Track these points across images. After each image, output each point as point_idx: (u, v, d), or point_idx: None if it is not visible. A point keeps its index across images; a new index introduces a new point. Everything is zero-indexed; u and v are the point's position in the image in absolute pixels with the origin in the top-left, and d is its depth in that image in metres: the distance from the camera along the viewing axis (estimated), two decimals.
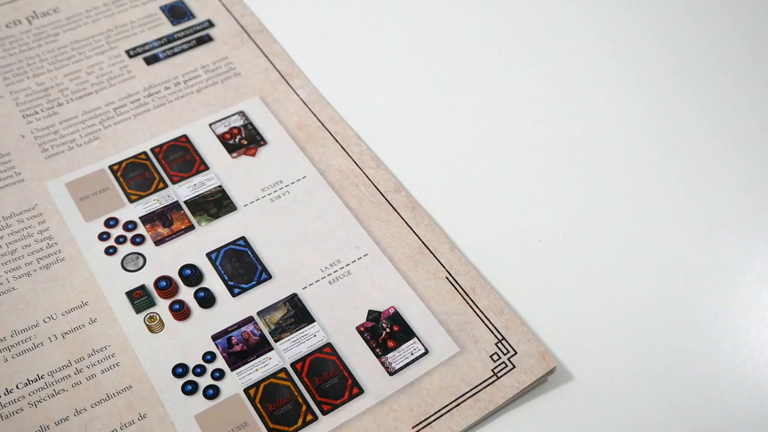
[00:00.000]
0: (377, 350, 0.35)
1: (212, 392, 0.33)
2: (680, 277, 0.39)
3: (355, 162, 0.42)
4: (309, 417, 0.33)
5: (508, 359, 0.35)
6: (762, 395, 0.35)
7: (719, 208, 0.42)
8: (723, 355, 0.36)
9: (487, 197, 0.42)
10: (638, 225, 0.41)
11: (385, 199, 0.40)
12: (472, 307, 0.36)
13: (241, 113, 0.43)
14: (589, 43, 0.50)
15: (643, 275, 0.39)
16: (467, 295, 0.37)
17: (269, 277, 0.37)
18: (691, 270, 0.39)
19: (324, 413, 0.33)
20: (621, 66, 0.48)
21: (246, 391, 0.33)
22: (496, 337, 0.35)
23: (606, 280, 0.39)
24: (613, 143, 0.44)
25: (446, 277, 0.37)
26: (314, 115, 0.44)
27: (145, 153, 0.41)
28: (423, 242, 0.39)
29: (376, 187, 0.41)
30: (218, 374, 0.34)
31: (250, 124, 0.43)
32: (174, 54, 0.46)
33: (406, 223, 0.39)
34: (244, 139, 0.42)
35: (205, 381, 0.33)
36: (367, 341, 0.35)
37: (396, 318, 0.36)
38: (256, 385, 0.33)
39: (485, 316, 0.36)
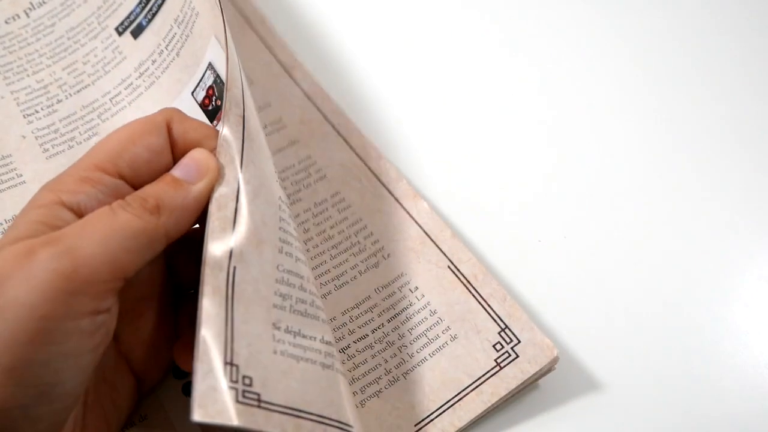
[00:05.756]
0: None
1: None
2: (680, 277, 0.39)
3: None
4: None
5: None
6: (762, 395, 0.35)
7: (720, 208, 0.42)
8: (722, 356, 0.37)
9: (486, 197, 0.42)
10: (639, 225, 0.41)
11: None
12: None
13: (210, 66, 0.40)
14: (589, 42, 0.50)
15: (643, 275, 0.39)
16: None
17: None
18: (691, 270, 0.39)
19: None
20: (622, 65, 0.48)
21: None
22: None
23: (606, 281, 0.39)
24: (614, 143, 0.44)
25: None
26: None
27: None
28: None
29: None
30: None
31: (218, 77, 0.39)
32: (153, 16, 0.43)
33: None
34: (218, 99, 0.39)
35: None
36: None
37: None
38: None
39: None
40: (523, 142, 0.44)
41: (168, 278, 0.32)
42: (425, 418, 0.33)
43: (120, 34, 0.44)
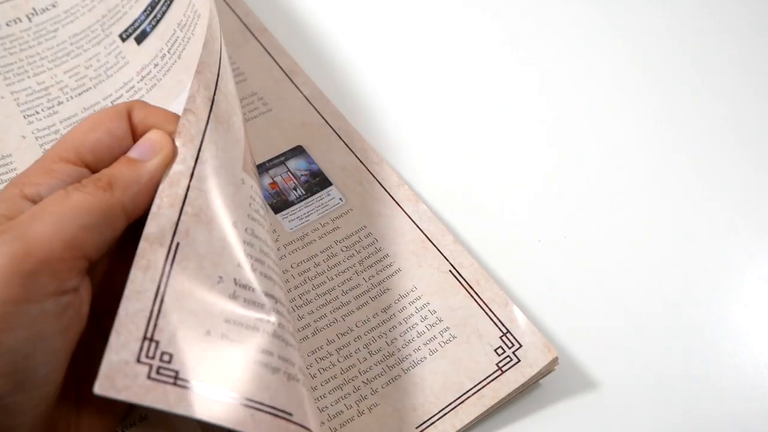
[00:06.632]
0: None
1: None
2: (680, 277, 0.39)
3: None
4: None
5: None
6: (762, 395, 0.35)
7: (720, 208, 0.42)
8: (722, 356, 0.37)
9: (486, 197, 0.42)
10: (639, 225, 0.41)
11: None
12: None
13: None
14: (589, 42, 0.50)
15: (643, 275, 0.39)
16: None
17: None
18: (691, 270, 0.39)
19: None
20: (621, 65, 0.48)
21: None
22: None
23: (606, 281, 0.39)
24: (614, 143, 0.44)
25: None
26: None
27: None
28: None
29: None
30: None
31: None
32: (158, 22, 0.44)
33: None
34: None
35: None
36: None
37: None
38: None
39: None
40: (523, 142, 0.44)
41: None
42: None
43: (124, 40, 0.44)
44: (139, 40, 0.44)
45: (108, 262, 0.29)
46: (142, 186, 0.27)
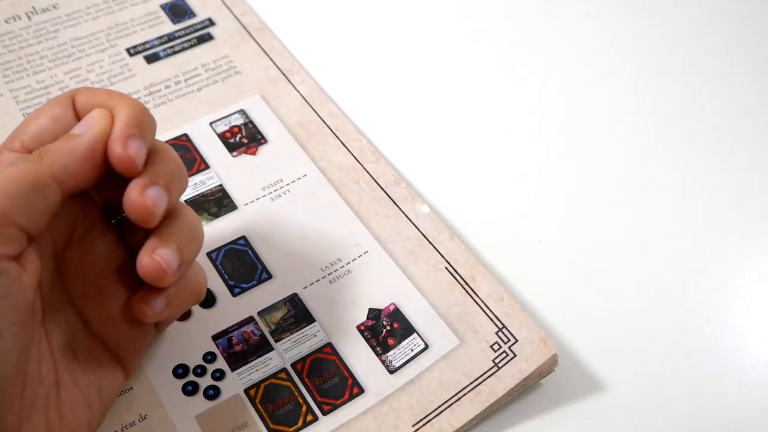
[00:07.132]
0: (377, 349, 0.35)
1: (212, 392, 0.33)
2: (680, 277, 0.39)
3: (355, 158, 0.42)
4: (309, 417, 0.33)
5: (509, 348, 0.35)
6: (762, 395, 0.35)
7: (719, 208, 0.42)
8: (723, 355, 0.37)
9: (486, 198, 0.42)
10: (639, 225, 0.41)
11: (385, 192, 0.40)
12: (472, 297, 0.36)
13: (242, 112, 0.43)
14: (591, 41, 0.50)
15: (644, 275, 0.39)
16: (467, 284, 0.37)
17: (269, 276, 0.37)
18: (691, 270, 0.39)
19: (324, 413, 0.33)
20: (622, 64, 0.48)
21: (246, 391, 0.33)
22: (496, 325, 0.35)
23: (605, 281, 0.39)
24: (614, 143, 0.44)
25: (446, 268, 0.37)
26: (315, 111, 0.44)
27: None
28: (422, 234, 0.39)
29: (376, 181, 0.41)
30: (218, 374, 0.34)
31: (251, 122, 0.43)
32: (175, 53, 0.46)
33: (406, 215, 0.39)
34: (244, 138, 0.42)
35: (205, 381, 0.33)
36: (367, 340, 0.35)
37: (396, 315, 0.36)
38: (257, 385, 0.34)
39: (485, 305, 0.36)
40: (523, 142, 0.44)
41: (129, 253, 0.31)
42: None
43: (131, 55, 0.46)
44: (150, 60, 0.46)
45: (77, 250, 0.30)
46: (76, 156, 0.28)
